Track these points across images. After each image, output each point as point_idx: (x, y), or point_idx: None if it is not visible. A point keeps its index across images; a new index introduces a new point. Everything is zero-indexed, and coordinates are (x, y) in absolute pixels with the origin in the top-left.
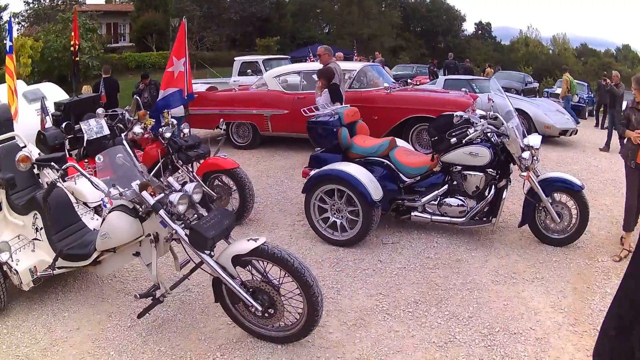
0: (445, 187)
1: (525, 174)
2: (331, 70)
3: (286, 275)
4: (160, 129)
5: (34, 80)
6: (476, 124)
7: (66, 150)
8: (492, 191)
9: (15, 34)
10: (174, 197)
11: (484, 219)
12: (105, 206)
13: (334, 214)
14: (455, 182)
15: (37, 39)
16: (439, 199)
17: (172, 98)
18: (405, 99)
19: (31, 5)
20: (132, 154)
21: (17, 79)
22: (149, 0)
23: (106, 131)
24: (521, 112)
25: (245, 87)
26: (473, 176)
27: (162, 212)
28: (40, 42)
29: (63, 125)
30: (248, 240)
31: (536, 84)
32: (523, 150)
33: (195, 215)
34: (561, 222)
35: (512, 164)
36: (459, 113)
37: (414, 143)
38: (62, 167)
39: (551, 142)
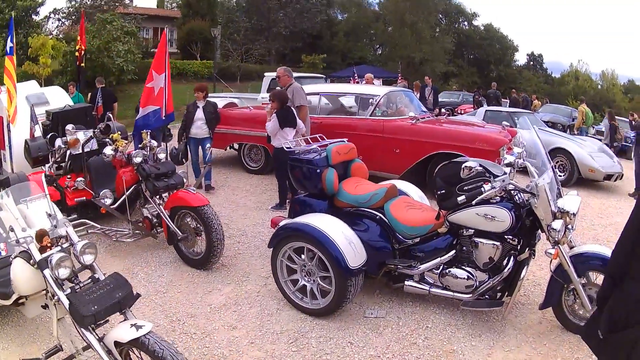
0: (452, 253)
1: (553, 251)
2: (285, 94)
3: None
4: (133, 152)
5: (65, 81)
6: (495, 177)
7: (51, 163)
8: (510, 264)
9: (55, 32)
10: (55, 258)
11: (497, 296)
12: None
13: (304, 276)
14: (464, 249)
15: (73, 39)
16: (441, 267)
17: (152, 117)
18: (432, 132)
19: (73, 2)
20: (45, 191)
21: (35, 79)
22: (196, 8)
23: (94, 146)
24: (564, 152)
25: (261, 106)
26: (486, 245)
27: (46, 271)
28: (63, 42)
29: (48, 136)
30: (131, 326)
31: None
32: (555, 216)
33: (90, 280)
34: (593, 307)
35: (539, 230)
36: (469, 163)
37: None
38: None
39: (594, 186)
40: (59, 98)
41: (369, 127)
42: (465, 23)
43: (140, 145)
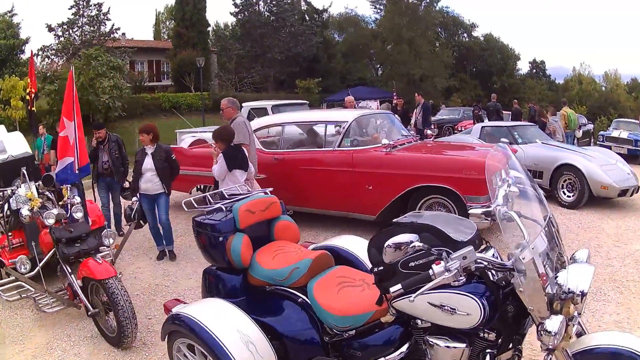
0: (403, 349)
1: None
2: (229, 130)
3: None
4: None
5: (53, 121)
6: (449, 256)
7: None
8: None
9: (44, 70)
10: None
11: None
12: None
13: None
14: (418, 344)
15: (60, 77)
16: None
17: (69, 170)
18: (409, 161)
19: (61, 39)
20: None
21: (9, 122)
22: (187, 38)
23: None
24: (572, 169)
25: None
26: (445, 349)
27: None
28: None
29: None
30: None
31: (590, 126)
32: (550, 304)
33: None
34: None
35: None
36: (399, 238)
37: None
38: None
39: (607, 204)
40: (18, 145)
41: (336, 160)
42: (465, 35)
43: (60, 203)
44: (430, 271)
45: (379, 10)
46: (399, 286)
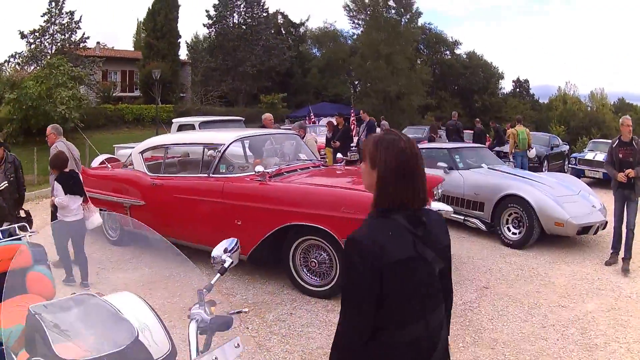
0: None
1: None
2: (62, 157)
3: None
4: None
5: (12, 130)
6: None
7: None
8: None
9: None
10: None
11: None
12: None
13: None
14: None
15: (19, 85)
16: None
17: None
18: (282, 193)
19: (32, 46)
20: None
21: None
22: (157, 49)
23: None
24: (519, 200)
25: (120, 164)
26: None
27: None
28: None
29: None
30: None
31: (565, 147)
32: None
33: None
34: None
35: None
36: None
37: (299, 268)
38: None
39: (566, 244)
40: None
41: (208, 188)
42: (447, 52)
43: None
44: None
45: (357, 26)
46: None
